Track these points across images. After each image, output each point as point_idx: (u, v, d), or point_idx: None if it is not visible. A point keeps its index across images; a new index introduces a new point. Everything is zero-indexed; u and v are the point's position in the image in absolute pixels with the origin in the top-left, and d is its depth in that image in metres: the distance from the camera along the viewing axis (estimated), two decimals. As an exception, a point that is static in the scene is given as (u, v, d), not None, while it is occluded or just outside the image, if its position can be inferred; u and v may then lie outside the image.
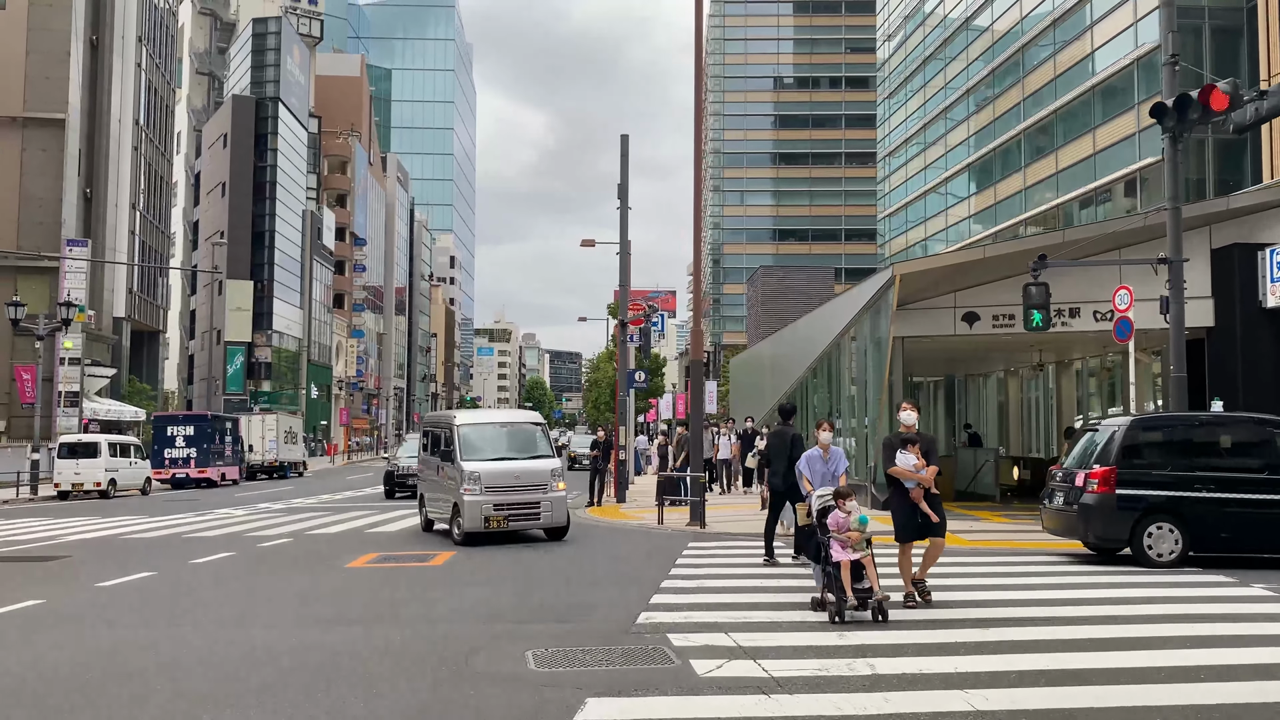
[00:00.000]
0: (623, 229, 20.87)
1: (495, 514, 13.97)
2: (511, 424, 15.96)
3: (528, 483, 14.33)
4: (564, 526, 14.74)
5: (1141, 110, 40.83)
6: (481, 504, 13.93)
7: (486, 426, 15.58)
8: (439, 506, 15.33)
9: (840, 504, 8.46)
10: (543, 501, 14.32)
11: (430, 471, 15.89)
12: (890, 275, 17.93)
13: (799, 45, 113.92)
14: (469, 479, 13.97)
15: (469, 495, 13.93)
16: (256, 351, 66.18)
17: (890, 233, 74.35)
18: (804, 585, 9.53)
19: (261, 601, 9.53)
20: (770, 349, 31.72)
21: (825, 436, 9.94)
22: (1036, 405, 28.47)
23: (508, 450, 14.88)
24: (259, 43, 69.58)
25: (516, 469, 14.34)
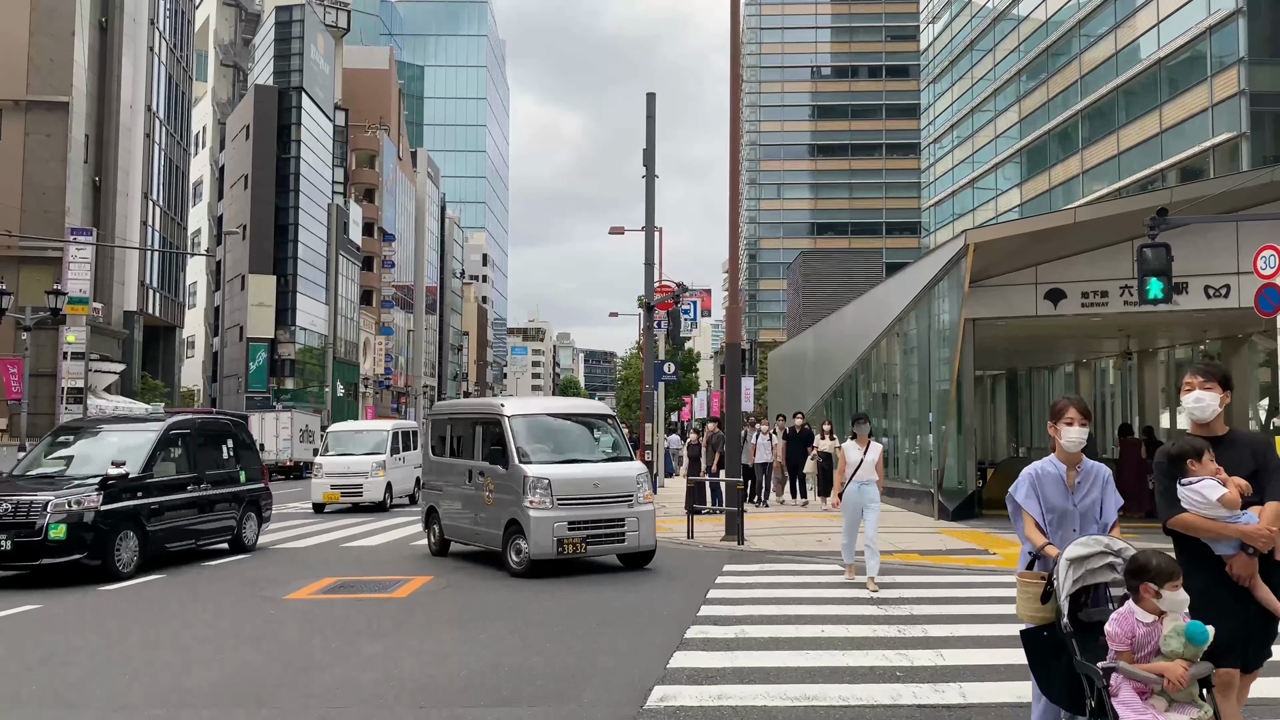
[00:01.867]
0: (649, 199, 18.37)
1: (570, 535, 10.62)
2: (577, 415, 12.58)
3: (609, 493, 11.04)
4: (650, 550, 11.51)
5: (1215, 83, 37.72)
6: (553, 521, 10.57)
7: (546, 419, 12.10)
8: (466, 522, 12.09)
9: (1144, 591, 3.80)
10: (628, 518, 11.02)
11: (450, 478, 12.60)
12: (963, 245, 15.26)
13: (837, 34, 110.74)
14: (535, 488, 10.61)
15: (536, 510, 10.56)
16: (280, 348, 64.45)
17: (935, 224, 71.17)
18: (908, 637, 6.92)
19: (135, 655, 7.09)
20: (813, 341, 29.01)
21: (1076, 435, 4.44)
22: (1113, 402, 25.55)
23: (575, 450, 11.77)
24: (282, 31, 67.80)
25: (594, 475, 11.15)
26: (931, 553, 12.25)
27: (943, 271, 16.40)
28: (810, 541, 13.43)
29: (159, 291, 49.17)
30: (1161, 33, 41.50)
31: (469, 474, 11.97)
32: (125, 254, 44.37)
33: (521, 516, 10.67)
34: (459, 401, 13.18)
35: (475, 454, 11.89)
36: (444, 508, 12.65)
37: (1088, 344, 23.10)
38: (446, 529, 12.56)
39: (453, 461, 12.64)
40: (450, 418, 13.34)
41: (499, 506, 11.13)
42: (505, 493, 11.02)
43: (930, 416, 17.49)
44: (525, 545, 10.62)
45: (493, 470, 11.29)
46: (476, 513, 11.73)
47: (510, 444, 11.05)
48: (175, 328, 52.25)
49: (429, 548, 13.03)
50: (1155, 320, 16.68)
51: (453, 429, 12.97)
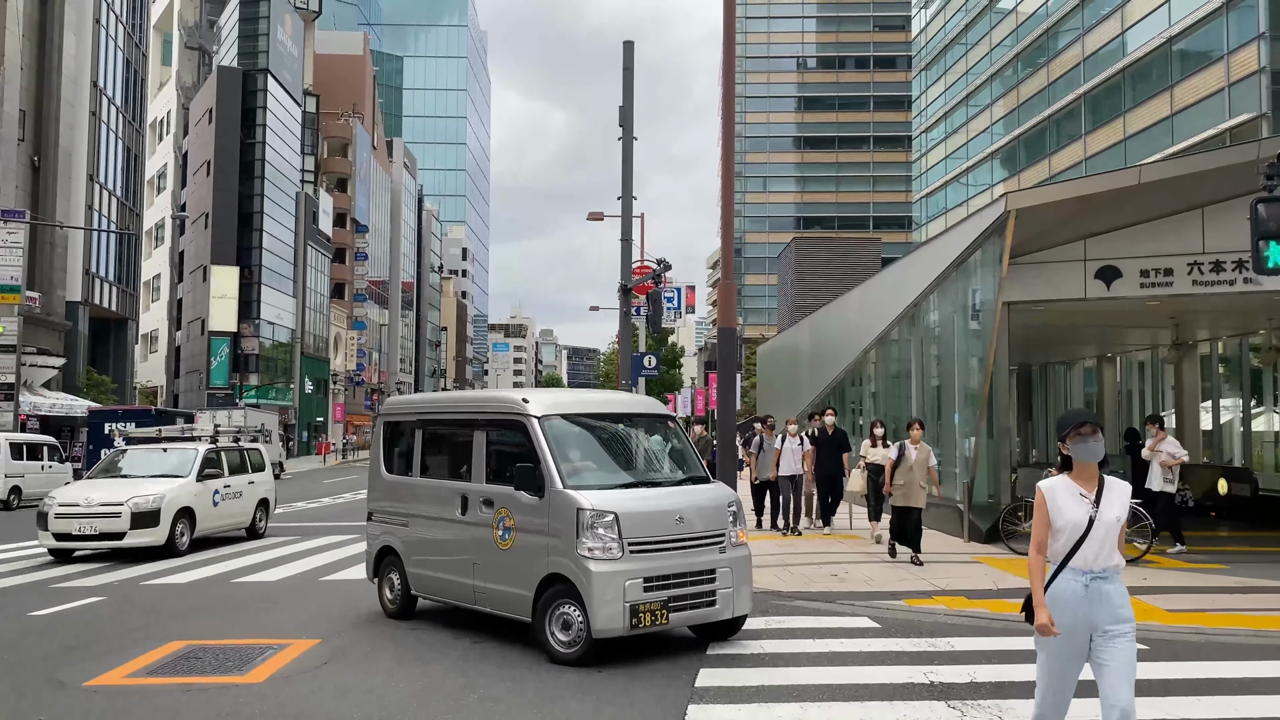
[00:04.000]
0: (626, 164, 15.70)
1: (648, 599, 7.04)
2: (631, 416, 8.58)
3: (696, 532, 7.46)
4: (743, 617, 7.92)
5: (1232, 60, 35.37)
6: (624, 578, 6.97)
7: (591, 421, 8.23)
8: (457, 573, 8.24)
9: None
10: (719, 570, 7.46)
11: (426, 508, 8.69)
12: (1002, 212, 12.64)
13: (824, 24, 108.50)
14: (595, 526, 7.05)
15: (600, 560, 6.98)
16: (243, 342, 61.35)
17: (927, 216, 68.79)
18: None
19: None
20: (809, 333, 26.37)
21: None
22: (1143, 400, 23.05)
23: (637, 467, 8.23)
24: (247, 11, 64.64)
25: (675, 505, 7.53)
26: (981, 595, 9.63)
27: (974, 245, 13.78)
28: (824, 576, 10.79)
29: (111, 282, 46.15)
30: (1172, 9, 39.16)
31: (462, 502, 8.15)
32: (68, 241, 41.37)
33: (573, 570, 7.03)
34: (433, 396, 9.63)
35: (475, 472, 8.17)
36: (412, 551, 8.78)
37: (1120, 335, 20.57)
38: (418, 581, 8.70)
39: (431, 484, 8.71)
40: (421, 418, 9.16)
41: (526, 553, 7.45)
42: (538, 531, 7.38)
43: (956, 418, 14.89)
44: (580, 615, 6.99)
45: (513, 498, 7.59)
46: (478, 561, 7.94)
47: (547, 458, 7.41)
48: (127, 320, 49.17)
49: (382, 604, 9.15)
50: (1233, 304, 14.10)
51: (426, 435, 9.00)
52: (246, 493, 15.89)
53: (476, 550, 7.96)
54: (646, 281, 16.16)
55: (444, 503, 8.39)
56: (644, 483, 7.81)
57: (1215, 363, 20.03)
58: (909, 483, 11.91)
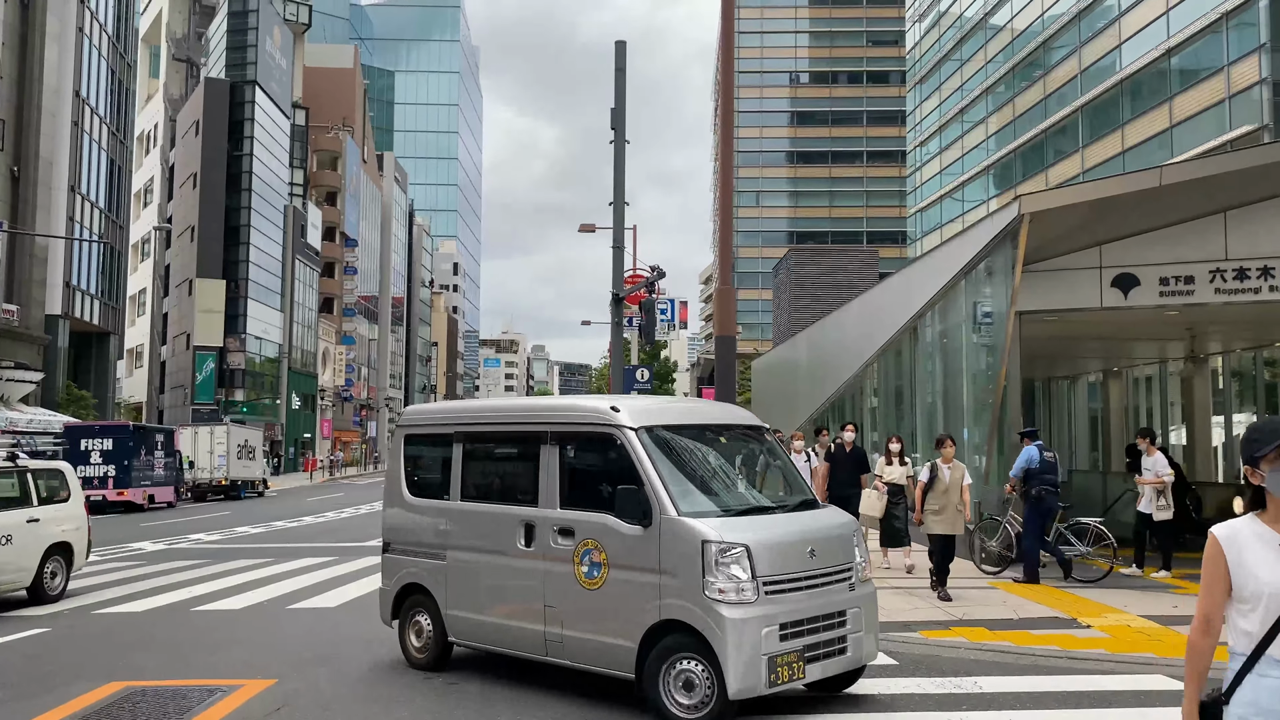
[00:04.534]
0: (618, 170, 15.00)
1: (786, 649, 5.85)
2: (730, 429, 7.38)
3: (827, 566, 6.30)
4: (864, 665, 6.75)
5: (1232, 72, 34.95)
6: (761, 625, 5.77)
7: (689, 435, 6.88)
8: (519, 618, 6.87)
9: None
10: (849, 611, 6.34)
11: (474, 540, 7.24)
12: (1015, 215, 11.96)
13: (817, 39, 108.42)
14: (724, 562, 5.81)
15: (733, 607, 5.74)
16: (229, 357, 60.47)
17: (921, 231, 68.34)
18: None
19: None
20: (806, 347, 25.66)
21: None
22: (1150, 416, 22.36)
23: (746, 491, 7.05)
24: (235, 23, 64.07)
25: (805, 534, 6.35)
26: (1002, 625, 8.87)
27: (984, 252, 13.08)
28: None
29: (92, 295, 45.27)
30: (1171, 21, 38.78)
31: (527, 531, 6.76)
32: (49, 253, 40.52)
33: (697, 615, 5.75)
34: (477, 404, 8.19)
35: (544, 495, 6.76)
36: (453, 590, 7.26)
37: (1128, 349, 19.89)
38: (459, 626, 7.23)
39: (479, 509, 7.25)
40: (462, 431, 7.57)
41: (625, 595, 6.13)
42: (643, 568, 6.05)
43: (965, 434, 14.16)
44: (708, 672, 5.77)
45: (605, 528, 6.27)
46: (554, 603, 6.54)
47: (654, 480, 6.11)
48: (109, 334, 48.26)
49: (405, 652, 7.68)
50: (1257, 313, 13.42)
51: (469, 451, 7.51)
52: (22, 537, 10.78)
53: (550, 590, 6.52)
54: (639, 290, 15.43)
55: (498, 532, 6.92)
56: (761, 508, 6.65)
57: (1228, 377, 19.36)
58: (946, 506, 10.68)
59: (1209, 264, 12.38)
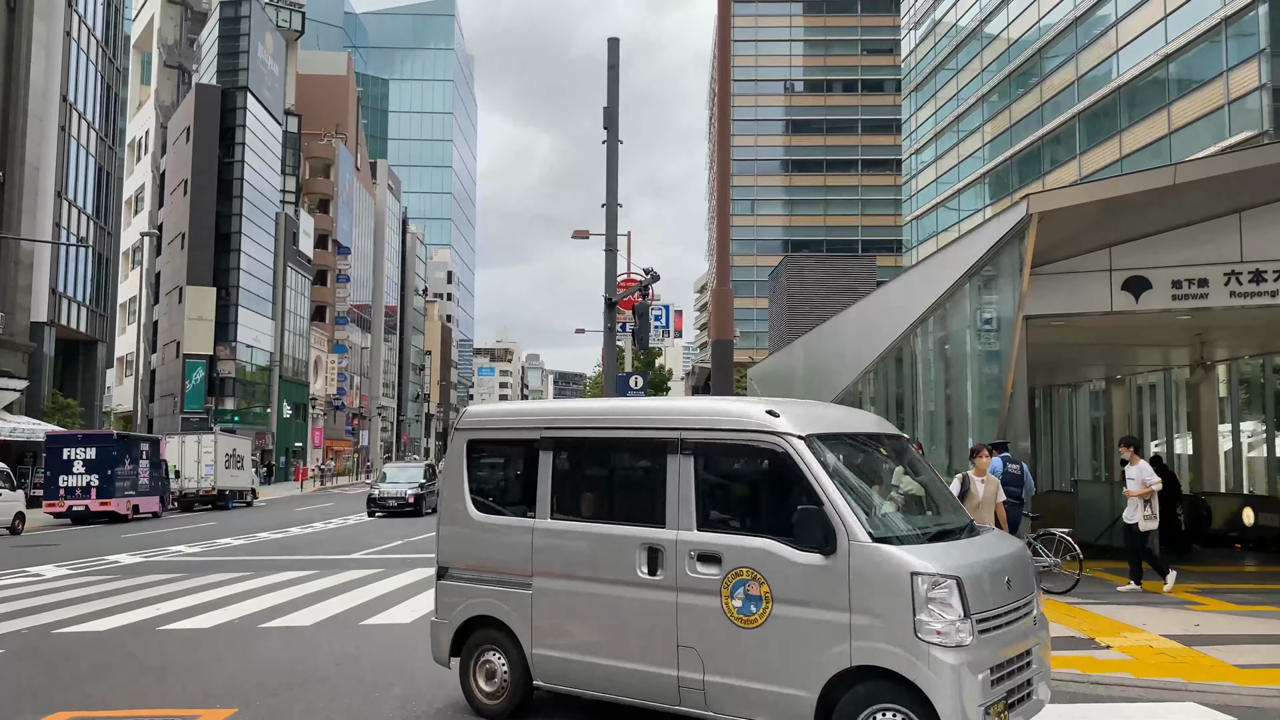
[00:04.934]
0: (610, 170, 14.52)
1: (994, 698, 5.04)
2: (882, 438, 6.53)
3: (1018, 600, 5.51)
4: None
5: (1232, 77, 34.65)
6: (977, 670, 4.96)
7: (856, 446, 6.18)
8: (637, 660, 5.82)
9: None
10: (1034, 649, 5.57)
11: (561, 562, 6.21)
12: (1023, 215, 11.50)
13: (811, 48, 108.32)
14: (936, 597, 4.96)
15: (950, 651, 4.90)
16: (219, 365, 59.85)
17: (917, 239, 68.03)
18: None
19: None
20: (803, 355, 25.19)
21: None
22: (1154, 424, 21.92)
23: (911, 508, 6.17)
24: (227, 29, 63.57)
25: (996, 559, 5.55)
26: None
27: (990, 254, 12.62)
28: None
29: (80, 303, 44.69)
30: (1169, 27, 38.50)
31: (651, 557, 5.74)
32: (35, 260, 39.97)
33: (905, 661, 4.93)
34: (571, 405, 6.65)
35: (675, 514, 5.73)
36: (543, 625, 6.17)
37: (1133, 355, 19.45)
38: (553, 668, 6.15)
39: (582, 530, 6.11)
40: (552, 435, 6.39)
41: (798, 635, 5.22)
42: (823, 604, 5.15)
43: (970, 443, 13.67)
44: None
45: (769, 555, 5.33)
46: (697, 644, 5.54)
47: (835, 499, 5.21)
48: (97, 342, 47.65)
49: (470, 697, 6.53)
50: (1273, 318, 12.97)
51: (563, 459, 6.38)
52: None
53: (687, 627, 5.51)
54: (633, 295, 14.95)
55: (608, 557, 5.85)
56: (948, 532, 5.67)
57: (1234, 384, 18.92)
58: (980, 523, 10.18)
59: (1223, 266, 11.94)
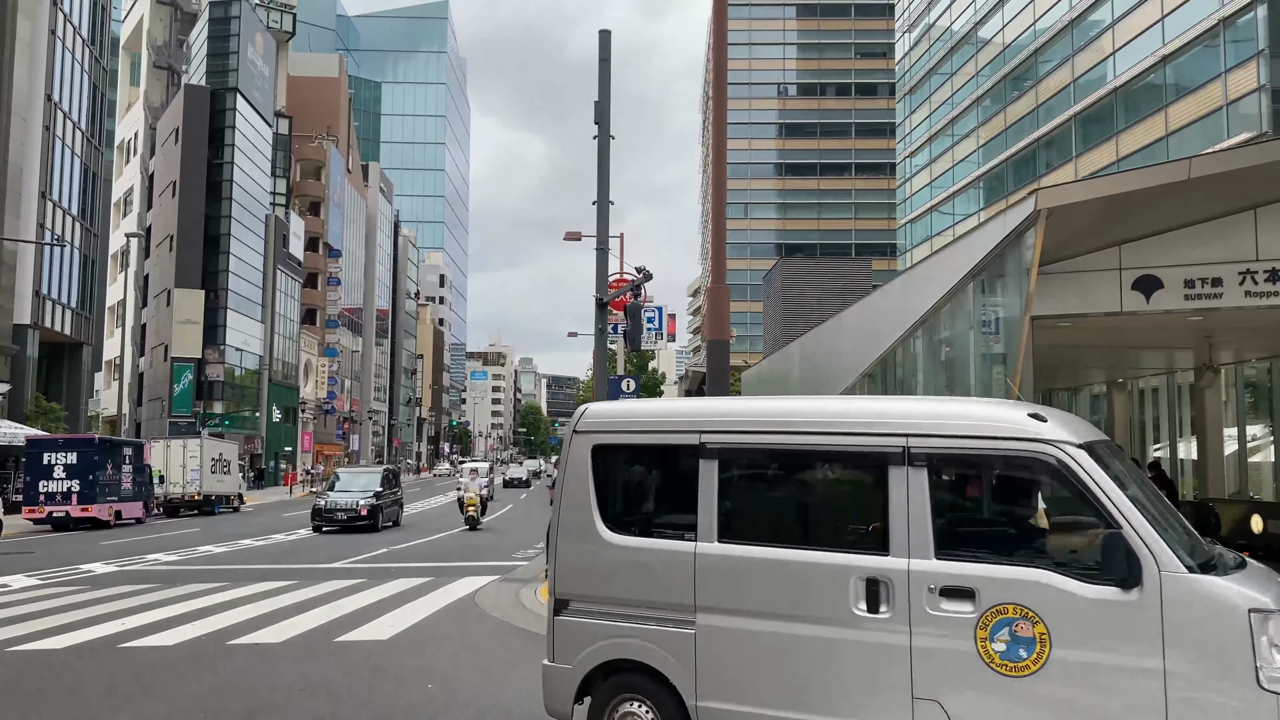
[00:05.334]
0: (601, 166, 14.05)
1: None
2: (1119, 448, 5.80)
3: None
4: None
5: (1230, 79, 34.30)
6: None
7: (1118, 453, 5.25)
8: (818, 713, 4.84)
9: None
10: None
11: (736, 595, 5.08)
12: (1031, 211, 11.02)
13: (805, 51, 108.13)
14: (1277, 642, 4.17)
15: None
16: (208, 369, 59.21)
17: (911, 243, 67.67)
18: None
19: None
20: (799, 358, 24.73)
21: None
22: (1157, 429, 21.49)
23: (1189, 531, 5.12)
24: (217, 29, 62.99)
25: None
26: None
27: (995, 253, 12.14)
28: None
29: (64, 305, 44.06)
30: (1166, 28, 38.16)
31: (869, 591, 4.76)
32: (18, 261, 39.35)
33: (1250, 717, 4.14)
34: (734, 406, 5.50)
35: (905, 539, 4.74)
36: (713, 672, 5.08)
37: (1136, 358, 19.00)
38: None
39: (766, 557, 5.03)
40: (717, 443, 5.27)
41: (1093, 688, 4.36)
42: (1125, 649, 4.31)
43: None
44: None
45: (1044, 588, 4.45)
46: (930, 697, 4.63)
47: (1133, 521, 4.41)
48: (82, 345, 47.01)
49: None
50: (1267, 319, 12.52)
51: (732, 470, 5.28)
52: None
53: (931, 677, 4.57)
54: (624, 295, 14.47)
55: (807, 590, 4.84)
56: (1213, 558, 4.77)
57: (1240, 388, 18.49)
58: None
59: (1238, 265, 11.48)
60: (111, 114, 66.96)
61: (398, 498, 28.94)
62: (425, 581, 13.73)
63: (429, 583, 13.60)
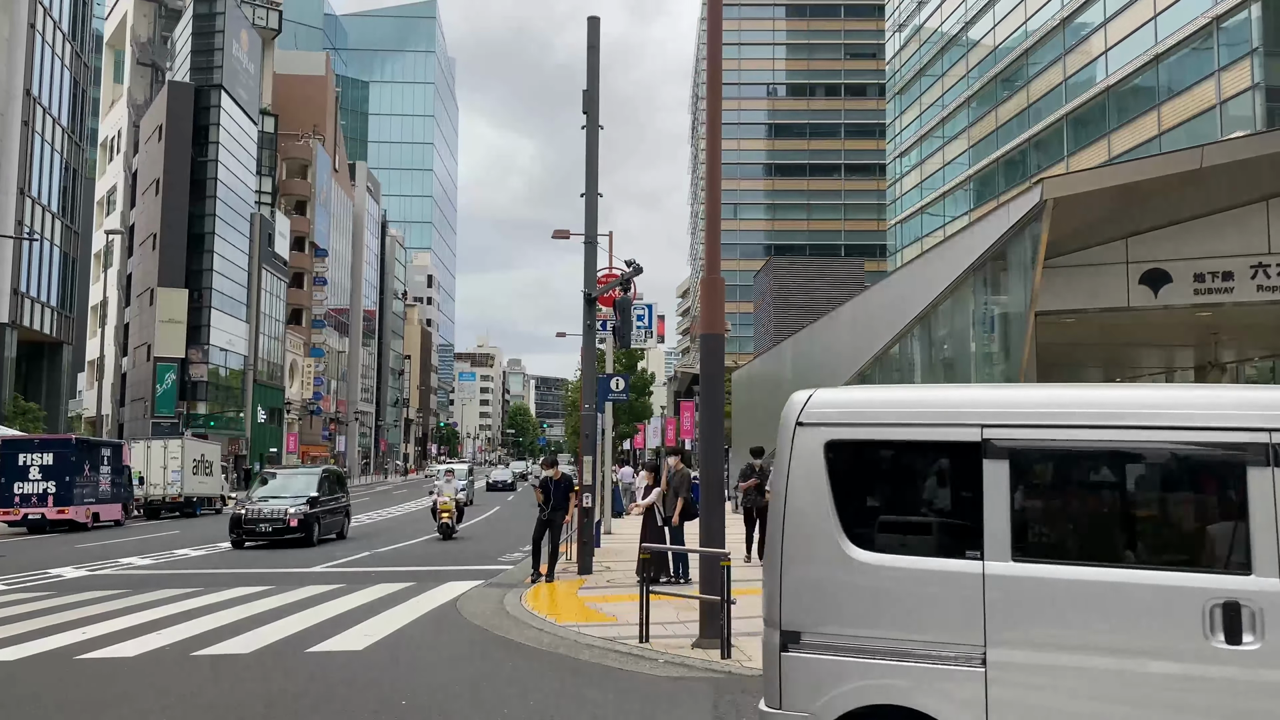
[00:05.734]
0: (590, 156, 13.57)
1: None
2: None
3: None
4: None
5: (1224, 77, 34.05)
6: None
7: None
8: None
9: None
10: None
11: (1037, 627, 4.18)
12: (1037, 201, 10.62)
13: (795, 51, 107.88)
14: None
15: None
16: (191, 369, 58.47)
17: (901, 244, 67.37)
18: None
19: None
20: (792, 356, 24.26)
21: None
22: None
23: None
24: (201, 25, 62.23)
25: None
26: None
27: (998, 245, 11.72)
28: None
29: (44, 304, 43.33)
30: (1159, 26, 37.92)
31: (1226, 619, 3.92)
32: (-4, 258, 38.65)
33: None
34: (1023, 395, 4.57)
35: (1269, 557, 3.92)
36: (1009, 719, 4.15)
37: (1134, 357, 18.62)
38: None
39: (1077, 577, 4.17)
40: (1007, 440, 4.32)
41: None
42: None
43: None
44: None
45: None
46: None
47: None
48: (63, 344, 46.28)
49: None
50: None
51: (1026, 473, 4.37)
52: None
53: None
54: (614, 289, 13.97)
55: (1144, 619, 4.03)
56: None
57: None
58: None
59: (1249, 258, 11.09)
60: (95, 111, 66.18)
61: (343, 505, 24.14)
62: (406, 587, 13.23)
63: (410, 588, 13.10)
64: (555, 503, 13.48)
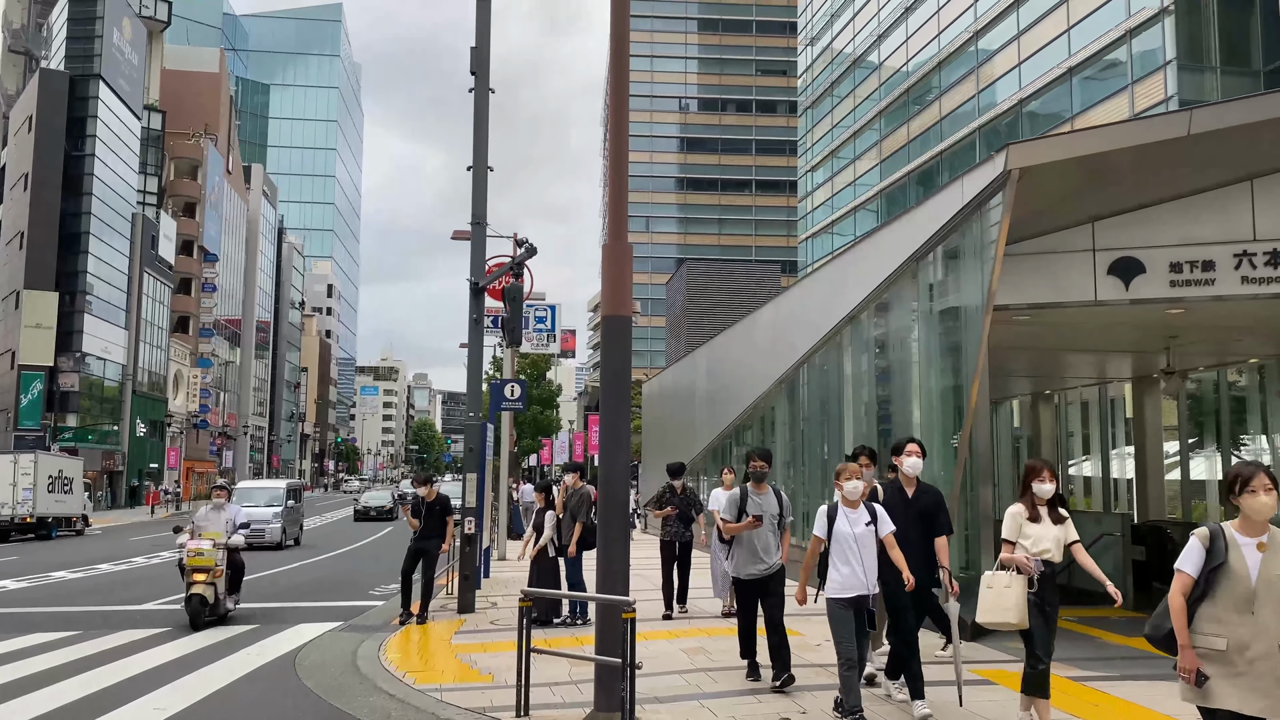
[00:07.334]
0: (479, 124, 11.63)
1: None
2: None
3: None
4: None
5: (1137, 91, 33.78)
6: None
7: None
8: None
9: None
10: None
11: None
12: (1000, 172, 9.02)
13: (706, 65, 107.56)
14: None
15: None
16: (61, 378, 54.19)
17: (811, 260, 66.72)
18: None
19: None
20: (705, 366, 22.52)
21: None
22: (1086, 445, 19.97)
23: None
24: (79, 11, 58.11)
25: None
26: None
27: (948, 229, 10.11)
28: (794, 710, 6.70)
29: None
30: (1072, 39, 37.66)
31: None
32: None
33: None
34: None
35: None
36: None
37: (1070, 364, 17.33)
38: None
39: None
40: None
41: None
42: None
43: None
44: None
45: None
46: None
47: None
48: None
49: None
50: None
51: None
52: None
53: None
54: (505, 275, 11.91)
55: None
56: None
57: (1182, 399, 16.98)
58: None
59: (1233, 245, 9.69)
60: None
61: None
62: (244, 632, 10.95)
63: (249, 633, 10.83)
64: (429, 528, 11.35)
